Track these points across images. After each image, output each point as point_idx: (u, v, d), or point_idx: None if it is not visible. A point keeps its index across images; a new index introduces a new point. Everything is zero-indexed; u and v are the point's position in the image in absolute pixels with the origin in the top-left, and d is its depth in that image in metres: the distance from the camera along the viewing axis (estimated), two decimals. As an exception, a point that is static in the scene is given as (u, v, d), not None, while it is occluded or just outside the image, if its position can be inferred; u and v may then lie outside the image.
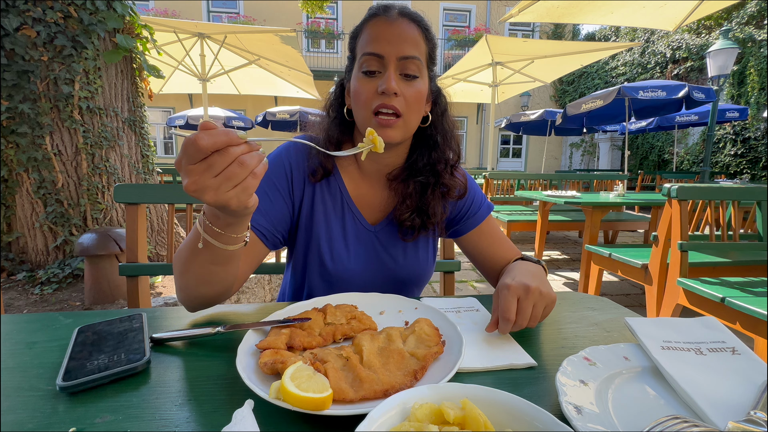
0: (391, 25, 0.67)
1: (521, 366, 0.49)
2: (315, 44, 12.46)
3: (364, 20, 0.71)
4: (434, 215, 0.78)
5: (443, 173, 0.78)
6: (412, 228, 0.77)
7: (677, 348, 0.49)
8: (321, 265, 0.77)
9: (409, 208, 0.77)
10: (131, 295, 1.03)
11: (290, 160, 0.77)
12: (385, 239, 0.80)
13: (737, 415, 0.37)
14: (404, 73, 0.67)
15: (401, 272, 0.81)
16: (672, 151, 10.07)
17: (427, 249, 0.84)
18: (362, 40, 0.70)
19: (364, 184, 0.80)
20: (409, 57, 0.67)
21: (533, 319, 0.57)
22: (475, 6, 13.10)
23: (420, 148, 0.79)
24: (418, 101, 0.69)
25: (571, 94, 13.19)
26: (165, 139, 12.62)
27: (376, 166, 0.78)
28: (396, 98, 0.66)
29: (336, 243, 0.77)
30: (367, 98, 0.67)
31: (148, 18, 3.71)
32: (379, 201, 0.81)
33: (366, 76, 0.68)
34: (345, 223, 0.78)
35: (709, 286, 1.60)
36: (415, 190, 0.77)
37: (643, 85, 5.43)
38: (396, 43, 0.66)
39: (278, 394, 0.38)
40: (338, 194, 0.78)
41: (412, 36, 0.68)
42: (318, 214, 0.77)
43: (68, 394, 0.42)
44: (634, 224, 3.78)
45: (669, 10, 3.58)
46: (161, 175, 3.82)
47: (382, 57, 0.66)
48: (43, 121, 2.46)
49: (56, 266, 2.57)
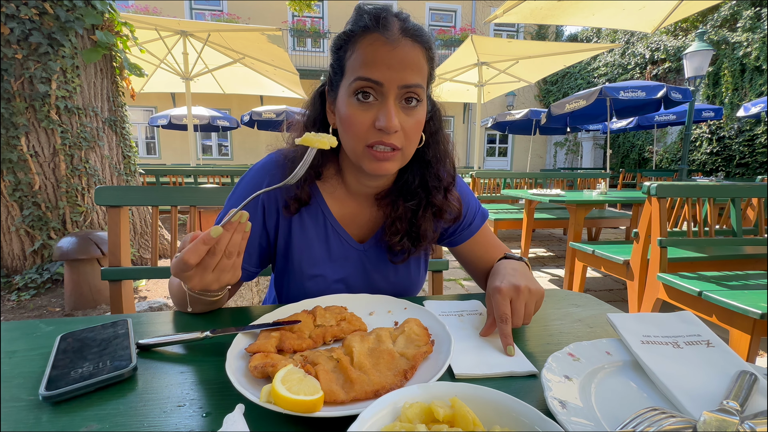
0: (394, 49, 0.57)
1: (522, 373, 0.48)
2: (301, 43, 12.36)
3: (355, 32, 0.60)
4: (425, 238, 0.73)
5: (436, 193, 0.72)
6: (402, 251, 0.73)
7: (656, 342, 0.51)
8: (304, 291, 0.74)
9: (399, 231, 0.72)
10: (114, 299, 1.01)
11: (265, 183, 0.70)
12: (374, 257, 0.76)
13: (711, 405, 0.38)
14: (404, 102, 0.60)
15: (392, 289, 0.78)
16: (651, 149, 10.38)
17: (418, 264, 0.81)
18: (355, 58, 0.59)
19: (350, 203, 0.75)
20: (411, 86, 0.58)
21: (527, 316, 0.59)
22: (460, 6, 13.20)
23: (412, 168, 0.72)
24: (418, 132, 0.63)
25: (554, 94, 13.44)
26: (147, 139, 12.32)
27: (363, 188, 0.72)
28: (395, 135, 0.59)
29: (320, 268, 0.73)
30: (360, 130, 0.59)
31: (128, 15, 3.62)
32: (366, 219, 0.76)
33: (359, 103, 0.59)
34: (330, 245, 0.74)
35: (687, 280, 1.66)
36: (405, 212, 0.72)
37: (624, 85, 5.58)
38: (397, 69, 0.57)
39: (269, 397, 0.38)
40: (320, 217, 0.73)
41: (415, 60, 0.59)
42: (296, 240, 0.73)
43: (52, 404, 0.41)
44: (616, 221, 3.88)
45: (648, 13, 3.69)
46: (144, 176, 3.74)
47: (381, 84, 0.57)
48: (18, 121, 2.37)
49: (34, 271, 2.49)
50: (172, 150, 12.21)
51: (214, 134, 12.42)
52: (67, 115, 2.54)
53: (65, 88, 2.50)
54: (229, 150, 12.78)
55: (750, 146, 8.20)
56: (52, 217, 2.55)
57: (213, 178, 4.70)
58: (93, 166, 2.68)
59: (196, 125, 8.31)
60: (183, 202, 1.04)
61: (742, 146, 8.30)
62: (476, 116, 6.10)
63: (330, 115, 0.69)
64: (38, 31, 2.35)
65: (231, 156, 12.79)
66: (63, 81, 2.49)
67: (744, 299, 1.41)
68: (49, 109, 2.45)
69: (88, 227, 2.70)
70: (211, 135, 12.47)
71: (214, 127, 9.20)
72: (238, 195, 0.72)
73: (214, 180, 4.72)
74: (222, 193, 1.04)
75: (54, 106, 2.46)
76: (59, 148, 2.51)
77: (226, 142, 12.74)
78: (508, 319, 0.56)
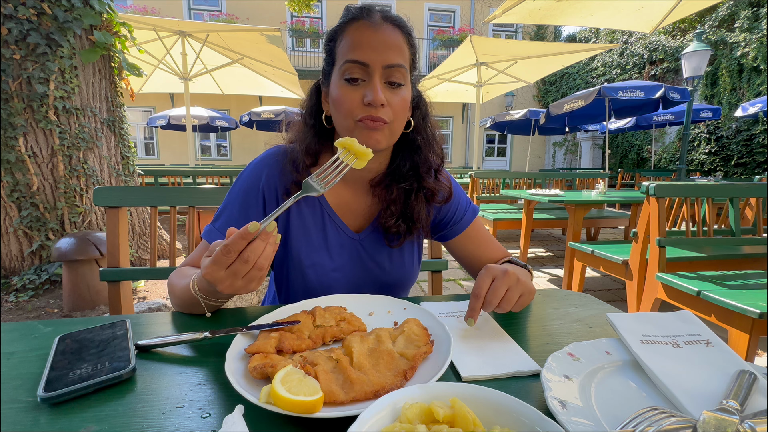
0: (376, 32, 0.64)
1: (527, 373, 0.48)
2: (299, 43, 12.35)
3: (343, 23, 0.67)
4: (419, 220, 0.77)
5: (426, 177, 0.77)
6: (398, 234, 0.77)
7: (655, 342, 0.51)
8: (303, 279, 0.76)
9: (394, 214, 0.76)
10: (113, 300, 1.01)
11: (263, 178, 0.74)
12: (370, 247, 0.79)
13: (711, 404, 0.39)
14: (389, 81, 0.65)
15: (387, 278, 0.80)
16: (650, 149, 10.40)
17: (412, 253, 0.83)
18: (343, 45, 0.66)
19: (346, 191, 0.78)
20: (394, 65, 0.65)
21: (506, 301, 0.58)
22: (459, 6, 13.21)
23: (402, 153, 0.77)
24: (404, 109, 0.68)
25: (553, 94, 13.45)
26: (145, 139, 12.30)
27: (358, 173, 0.76)
28: (382, 109, 0.65)
29: (318, 256, 0.76)
30: (350, 108, 0.65)
31: (126, 15, 3.61)
32: (362, 208, 0.79)
33: (349, 84, 0.65)
34: (327, 234, 0.76)
35: (686, 280, 1.66)
36: (399, 195, 0.76)
37: (622, 85, 5.59)
38: (381, 50, 0.64)
39: (269, 398, 0.38)
40: (317, 206, 0.76)
41: (397, 43, 0.65)
42: (295, 230, 0.76)
43: (50, 405, 0.41)
44: (615, 221, 3.88)
45: (646, 13, 3.70)
46: (142, 176, 3.73)
47: (367, 65, 0.64)
48: (16, 121, 2.37)
49: (32, 272, 2.48)
50: (171, 150, 12.19)
51: (213, 135, 12.40)
52: (66, 115, 2.53)
53: (63, 88, 2.49)
54: (228, 150, 12.77)
55: (748, 146, 8.23)
56: (50, 217, 2.55)
57: (212, 178, 4.69)
58: (91, 167, 2.68)
59: (194, 126, 8.29)
60: (182, 202, 1.04)
61: (740, 146, 8.32)
62: (475, 116, 6.10)
63: (324, 104, 0.75)
64: (36, 31, 2.35)
65: (230, 156, 12.78)
66: (61, 81, 2.49)
67: (743, 299, 1.41)
68: (48, 110, 2.44)
69: (87, 228, 2.69)
70: (209, 135, 12.44)
71: (212, 128, 9.19)
72: (237, 190, 0.75)
73: (212, 180, 4.71)
74: (221, 194, 1.04)
75: (52, 106, 2.46)
76: (57, 149, 2.51)
77: (225, 142, 12.72)
78: (481, 296, 0.57)
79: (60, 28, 2.42)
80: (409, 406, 0.33)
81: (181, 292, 0.64)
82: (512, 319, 0.66)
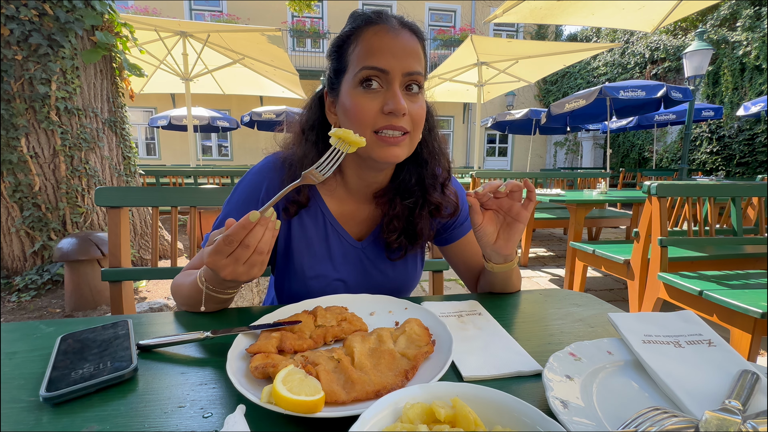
0: (395, 37, 0.61)
1: (529, 373, 0.48)
2: (300, 43, 12.36)
3: (358, 27, 0.63)
4: (422, 236, 0.75)
5: (432, 191, 0.74)
6: (400, 248, 0.75)
7: (657, 341, 0.51)
8: (306, 290, 0.75)
9: (397, 228, 0.73)
10: (115, 300, 1.01)
11: (263, 191, 0.71)
12: (372, 255, 0.77)
13: (713, 404, 0.38)
14: (408, 89, 0.63)
15: (390, 284, 0.79)
16: (651, 149, 10.37)
17: (415, 259, 0.82)
18: (359, 50, 0.61)
19: (349, 201, 0.76)
20: (414, 72, 0.61)
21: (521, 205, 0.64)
22: (460, 6, 13.20)
23: (408, 167, 0.74)
24: (422, 118, 0.65)
25: (554, 94, 13.43)
26: (147, 140, 12.32)
27: (363, 184, 0.73)
28: (404, 118, 0.61)
29: (321, 267, 0.74)
30: (368, 117, 0.61)
31: (127, 16, 3.62)
32: (364, 216, 0.77)
33: (365, 91, 0.61)
34: (330, 244, 0.75)
35: (688, 280, 1.66)
36: (402, 210, 0.74)
37: (624, 85, 5.58)
38: (401, 57, 0.60)
39: (270, 398, 0.38)
40: (319, 216, 0.74)
41: (415, 50, 0.62)
42: (297, 242, 0.74)
43: (52, 405, 0.41)
44: (617, 221, 3.87)
45: (647, 12, 3.69)
46: (144, 177, 3.73)
47: (387, 72, 0.60)
48: (18, 122, 2.37)
49: (34, 272, 2.49)
50: (172, 151, 12.21)
51: (214, 135, 12.42)
52: (67, 116, 2.54)
53: (65, 89, 2.50)
54: (229, 150, 12.78)
55: (750, 145, 8.20)
56: (52, 218, 2.55)
57: (213, 178, 4.70)
58: (93, 167, 2.68)
59: (195, 126, 8.31)
60: (183, 202, 1.04)
61: (742, 145, 8.30)
62: (476, 116, 6.11)
63: (330, 116, 0.70)
64: (38, 32, 2.35)
65: (231, 156, 12.79)
66: (63, 82, 2.49)
67: (744, 298, 1.41)
68: (49, 110, 2.45)
69: (89, 228, 2.70)
70: (210, 136, 12.46)
71: (213, 128, 9.20)
72: (236, 199, 0.73)
73: (214, 181, 4.72)
74: (222, 194, 1.04)
75: (54, 107, 2.46)
76: (59, 149, 2.51)
77: (226, 142, 12.74)
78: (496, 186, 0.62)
79: (61, 29, 2.43)
80: (410, 406, 0.33)
81: (189, 289, 0.64)
82: (514, 319, 0.66)
